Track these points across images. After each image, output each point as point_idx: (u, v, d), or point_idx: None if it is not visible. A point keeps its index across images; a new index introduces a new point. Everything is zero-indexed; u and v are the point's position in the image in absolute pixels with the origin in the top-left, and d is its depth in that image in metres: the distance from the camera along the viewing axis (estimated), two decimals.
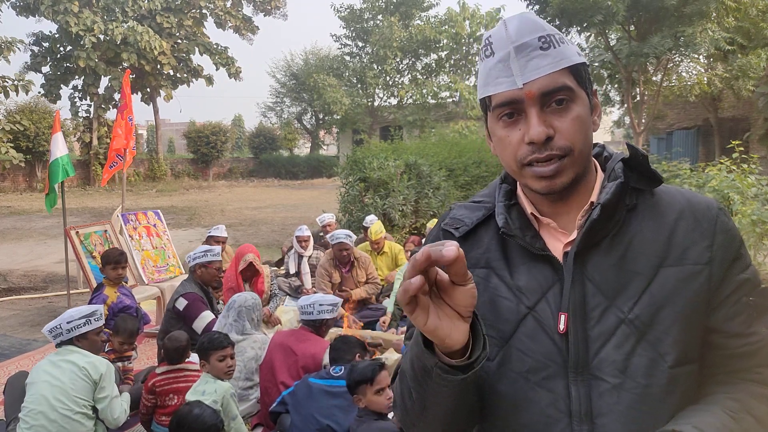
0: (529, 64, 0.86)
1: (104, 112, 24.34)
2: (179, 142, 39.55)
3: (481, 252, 0.99)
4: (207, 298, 4.39)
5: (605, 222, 0.91)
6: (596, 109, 0.95)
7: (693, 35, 13.40)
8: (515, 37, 0.87)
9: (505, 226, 0.96)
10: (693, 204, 0.94)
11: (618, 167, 0.95)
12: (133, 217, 6.15)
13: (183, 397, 3.15)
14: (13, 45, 16.92)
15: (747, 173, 7.23)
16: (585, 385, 0.89)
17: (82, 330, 3.13)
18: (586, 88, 0.92)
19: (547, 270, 0.93)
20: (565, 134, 0.87)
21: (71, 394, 2.93)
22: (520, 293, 0.94)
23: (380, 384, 2.62)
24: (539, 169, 0.88)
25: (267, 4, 27.46)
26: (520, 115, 0.89)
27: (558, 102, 0.87)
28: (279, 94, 35.02)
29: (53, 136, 6.05)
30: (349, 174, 8.79)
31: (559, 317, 0.90)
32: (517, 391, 0.93)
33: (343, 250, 5.43)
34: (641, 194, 0.95)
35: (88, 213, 15.45)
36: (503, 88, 0.88)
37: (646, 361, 0.87)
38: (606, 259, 0.91)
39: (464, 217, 1.03)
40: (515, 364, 0.93)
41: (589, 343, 0.89)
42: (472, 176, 10.10)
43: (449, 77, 26.70)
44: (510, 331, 0.94)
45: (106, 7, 23.53)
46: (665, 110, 19.42)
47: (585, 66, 0.92)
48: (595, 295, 0.90)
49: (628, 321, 0.88)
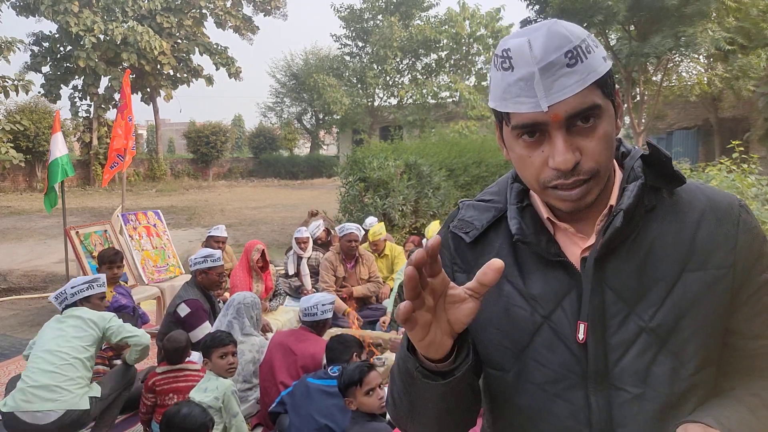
0: (555, 84, 0.78)
1: (104, 112, 24.34)
2: (179, 142, 39.55)
3: (492, 257, 0.96)
4: (209, 302, 4.37)
5: (625, 226, 0.86)
6: (619, 110, 0.89)
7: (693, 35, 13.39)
8: (540, 56, 0.78)
9: (519, 233, 0.91)
10: (714, 203, 0.89)
11: (638, 166, 0.90)
12: (133, 217, 6.14)
13: (183, 396, 3.17)
14: (13, 45, 16.89)
15: (747, 173, 7.23)
16: (605, 396, 0.87)
17: (86, 294, 3.30)
18: (612, 96, 0.85)
19: (563, 276, 0.89)
20: (592, 156, 0.81)
21: (71, 339, 3.07)
22: (535, 302, 0.90)
23: (369, 385, 2.62)
24: (564, 193, 0.83)
25: (267, 4, 27.46)
26: (543, 135, 0.82)
27: (584, 119, 0.81)
28: (279, 94, 35.04)
29: (53, 136, 6.05)
30: (349, 174, 8.78)
31: (577, 326, 0.87)
32: (536, 403, 0.90)
33: (351, 241, 5.45)
34: (660, 194, 0.90)
35: (88, 213, 15.44)
36: (525, 110, 0.80)
37: (667, 371, 0.85)
38: (626, 264, 0.87)
39: (474, 219, 0.98)
40: (532, 375, 0.90)
41: (608, 352, 0.86)
42: (472, 176, 10.10)
43: (449, 77, 26.68)
44: (526, 341, 0.90)
45: (106, 7, 23.52)
46: (665, 110, 19.41)
47: (610, 73, 0.85)
48: (615, 303, 0.86)
49: (649, 329, 0.85)
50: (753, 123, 16.62)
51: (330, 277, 5.41)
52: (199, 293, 4.29)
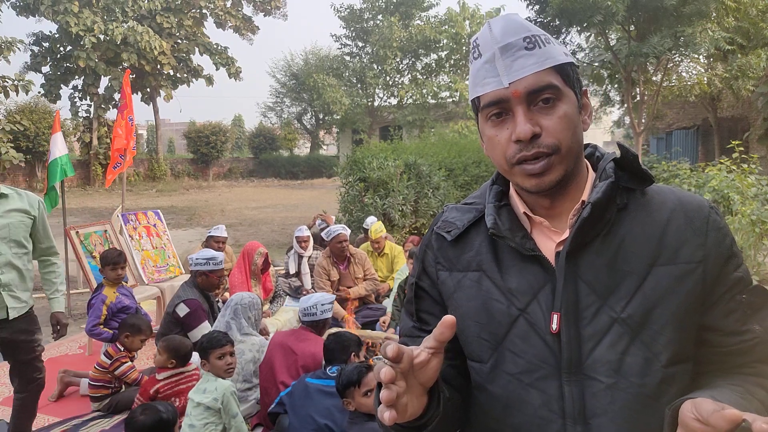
0: (515, 63, 0.87)
1: (104, 112, 24.34)
2: (179, 142, 39.53)
3: (472, 254, 0.99)
4: (208, 302, 4.37)
5: (596, 221, 0.90)
6: (586, 108, 0.96)
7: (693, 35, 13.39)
8: (500, 38, 0.88)
9: (494, 227, 0.96)
10: (684, 203, 0.94)
11: (609, 167, 0.94)
12: (133, 217, 6.15)
13: (185, 397, 3.18)
14: (13, 45, 16.90)
15: (747, 173, 7.24)
16: (578, 386, 0.89)
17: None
18: (574, 88, 0.92)
19: (538, 271, 0.93)
20: (552, 132, 0.88)
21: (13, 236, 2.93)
22: (512, 295, 0.94)
23: (368, 386, 2.62)
24: (528, 166, 0.89)
25: (267, 4, 27.46)
26: (508, 114, 0.90)
27: (545, 101, 0.88)
28: (279, 94, 35.03)
29: (53, 136, 6.04)
30: (349, 174, 8.79)
31: (551, 317, 0.90)
32: (510, 393, 0.94)
33: (341, 242, 5.42)
34: (632, 194, 0.94)
35: (88, 213, 15.44)
36: (490, 88, 0.89)
37: (640, 361, 0.87)
38: (598, 258, 0.90)
39: (456, 220, 1.03)
40: (508, 365, 0.94)
41: (582, 343, 0.89)
42: (472, 176, 10.11)
43: (449, 77, 26.69)
44: (503, 333, 0.94)
45: (106, 7, 23.51)
46: (664, 110, 19.42)
47: (573, 66, 0.92)
48: (588, 295, 0.90)
49: (621, 320, 0.88)
50: (752, 123, 16.62)
51: (325, 282, 5.39)
52: (198, 293, 4.29)
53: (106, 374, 3.81)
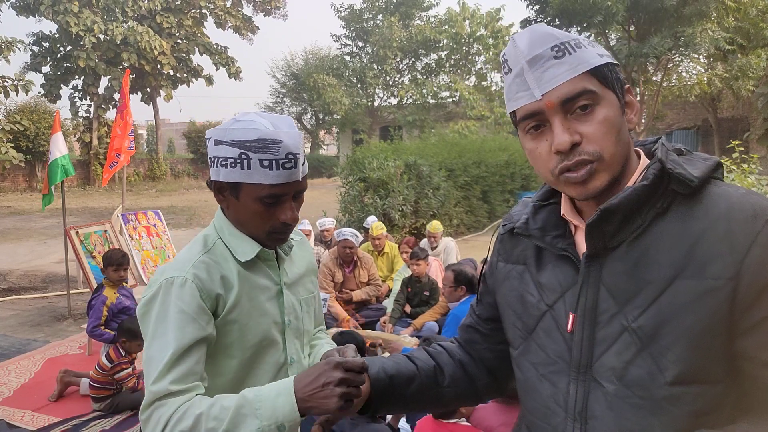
0: (545, 74, 0.86)
1: (104, 112, 24.32)
2: (179, 142, 39.50)
3: (521, 249, 1.05)
4: None
5: (620, 226, 0.88)
6: (630, 106, 0.92)
7: (693, 35, 13.40)
8: (527, 52, 0.88)
9: (521, 227, 1.02)
10: (733, 212, 0.84)
11: (654, 168, 0.89)
12: (133, 217, 6.14)
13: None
14: (13, 45, 16.87)
15: (747, 173, 7.23)
16: (584, 386, 0.91)
17: None
18: (614, 88, 0.89)
19: (569, 270, 0.95)
20: (593, 139, 0.86)
21: None
22: (543, 291, 0.98)
23: None
24: (571, 175, 0.87)
25: (267, 4, 27.43)
26: (546, 126, 0.89)
27: (582, 108, 0.86)
28: (279, 94, 35.03)
29: (53, 136, 6.03)
30: (349, 174, 8.79)
31: (569, 317, 0.93)
32: (528, 379, 1.01)
33: (347, 248, 5.45)
34: (678, 197, 0.88)
35: (88, 213, 15.44)
36: (523, 102, 0.89)
37: (644, 373, 0.85)
38: (621, 264, 0.89)
39: (515, 213, 1.08)
40: (532, 355, 1.00)
41: (594, 345, 0.91)
42: (472, 176, 10.10)
43: (449, 77, 26.68)
44: (533, 325, 1.00)
45: (106, 7, 23.50)
46: (665, 110, 19.42)
47: (610, 66, 0.89)
48: (606, 300, 0.90)
49: (631, 330, 0.86)
50: (752, 123, 16.62)
51: (329, 283, 5.42)
52: None
53: (106, 376, 3.81)
